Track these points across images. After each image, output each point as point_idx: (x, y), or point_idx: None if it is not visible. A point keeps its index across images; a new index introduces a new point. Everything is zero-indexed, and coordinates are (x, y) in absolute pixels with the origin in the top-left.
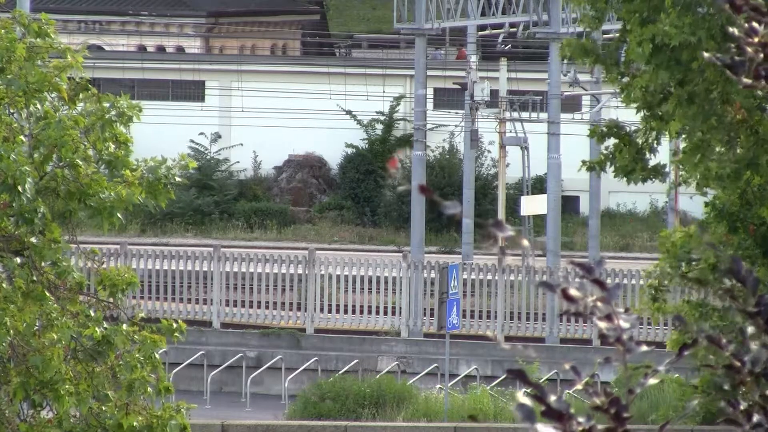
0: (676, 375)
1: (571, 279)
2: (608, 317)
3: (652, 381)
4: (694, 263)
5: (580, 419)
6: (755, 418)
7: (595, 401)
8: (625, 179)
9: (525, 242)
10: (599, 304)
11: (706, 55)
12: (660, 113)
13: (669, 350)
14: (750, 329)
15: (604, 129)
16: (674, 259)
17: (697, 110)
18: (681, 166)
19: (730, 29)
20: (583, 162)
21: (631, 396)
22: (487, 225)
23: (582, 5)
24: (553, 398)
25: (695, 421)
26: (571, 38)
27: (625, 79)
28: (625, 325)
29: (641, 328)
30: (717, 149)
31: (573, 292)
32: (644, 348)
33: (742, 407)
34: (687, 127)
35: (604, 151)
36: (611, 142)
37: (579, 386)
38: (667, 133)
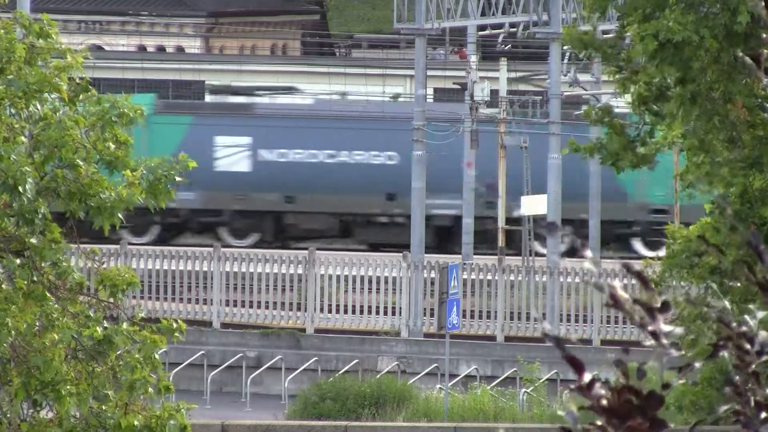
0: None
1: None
2: (652, 315)
3: (683, 380)
4: (695, 265)
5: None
6: (764, 414)
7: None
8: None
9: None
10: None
11: (739, 54)
12: (656, 108)
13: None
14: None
15: (599, 112)
16: (677, 264)
17: (699, 110)
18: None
19: None
20: (571, 143)
21: (666, 390)
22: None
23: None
24: (587, 375)
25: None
26: (571, 28)
27: (623, 73)
28: (666, 328)
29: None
30: (724, 153)
31: (621, 293)
32: (678, 353)
33: (752, 402)
34: (689, 127)
35: (594, 140)
36: (602, 130)
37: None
38: (661, 128)
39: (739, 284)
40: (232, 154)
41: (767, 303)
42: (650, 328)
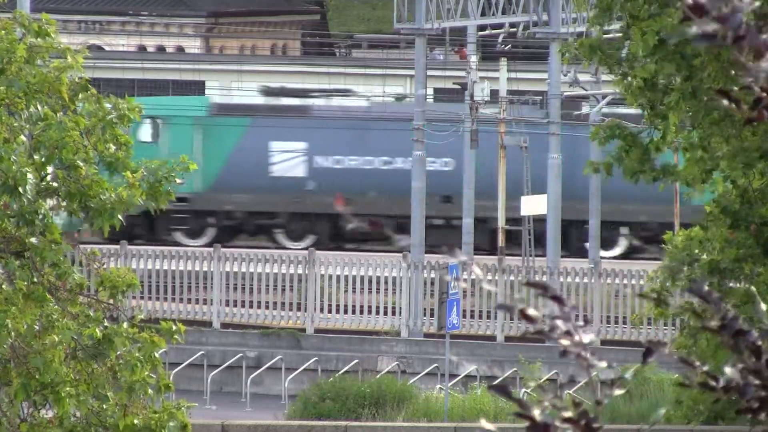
0: (677, 375)
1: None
2: (568, 334)
3: (619, 392)
4: (696, 264)
5: None
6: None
7: (565, 414)
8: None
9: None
10: (558, 321)
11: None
12: (663, 109)
13: (674, 351)
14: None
15: (607, 130)
16: (677, 262)
17: (699, 105)
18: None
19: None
20: (590, 163)
21: (599, 407)
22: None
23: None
24: (537, 412)
25: (696, 421)
26: (587, 39)
27: (629, 79)
28: (586, 339)
29: (650, 328)
30: (724, 148)
31: (531, 311)
32: (603, 365)
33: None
34: (688, 121)
35: (612, 154)
36: (615, 144)
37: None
38: (669, 130)
39: (739, 285)
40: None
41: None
42: (570, 342)
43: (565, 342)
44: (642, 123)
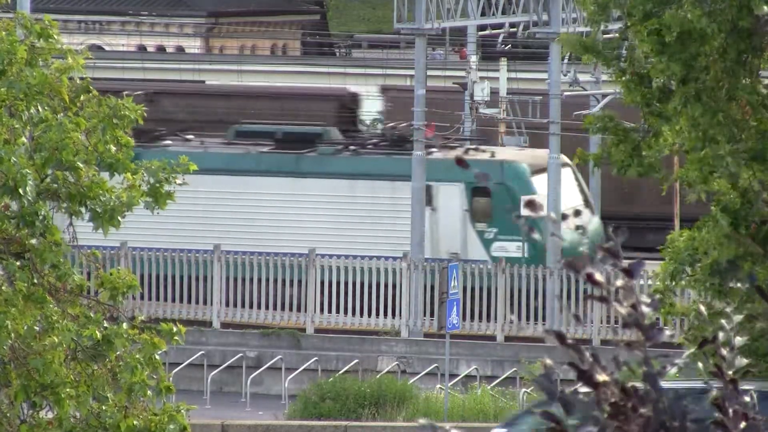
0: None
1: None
2: (631, 304)
3: (672, 371)
4: (698, 265)
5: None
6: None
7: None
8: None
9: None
10: (623, 289)
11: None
12: (659, 110)
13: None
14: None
15: (599, 121)
16: (678, 263)
17: (703, 108)
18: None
19: None
20: (581, 153)
21: (660, 377)
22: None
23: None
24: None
25: None
26: (569, 34)
27: (627, 77)
28: (646, 310)
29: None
30: (726, 147)
31: (598, 276)
32: (667, 331)
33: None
34: (693, 125)
35: (601, 147)
36: (607, 135)
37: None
38: (666, 130)
39: (739, 284)
40: None
41: None
42: (629, 310)
43: (623, 310)
44: (641, 122)
